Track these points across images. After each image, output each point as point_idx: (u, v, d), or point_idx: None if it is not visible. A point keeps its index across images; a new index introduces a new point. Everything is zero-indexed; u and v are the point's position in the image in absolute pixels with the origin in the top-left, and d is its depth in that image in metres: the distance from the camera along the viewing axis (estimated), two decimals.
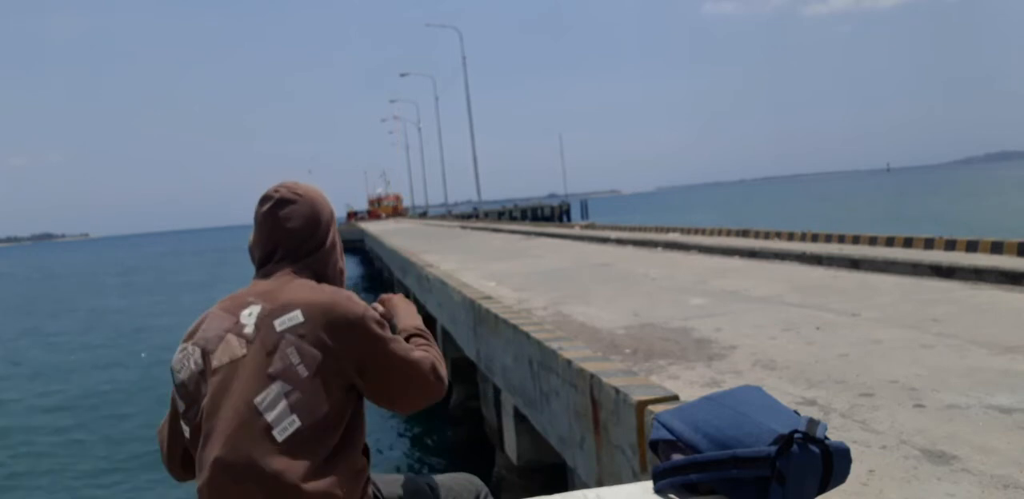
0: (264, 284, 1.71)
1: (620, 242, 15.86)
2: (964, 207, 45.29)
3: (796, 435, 1.52)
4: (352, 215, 76.15)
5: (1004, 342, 4.53)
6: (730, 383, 3.95)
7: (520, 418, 6.31)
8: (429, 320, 11.14)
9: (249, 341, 1.59)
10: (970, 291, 6.56)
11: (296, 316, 1.59)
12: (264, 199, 1.79)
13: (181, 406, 1.65)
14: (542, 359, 4.97)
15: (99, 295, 39.46)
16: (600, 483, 3.93)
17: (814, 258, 9.54)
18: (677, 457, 1.66)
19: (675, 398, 3.39)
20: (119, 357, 20.24)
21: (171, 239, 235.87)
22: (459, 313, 8.57)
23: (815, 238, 11.76)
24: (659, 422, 1.75)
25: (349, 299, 1.67)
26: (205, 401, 1.58)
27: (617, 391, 3.59)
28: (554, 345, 4.76)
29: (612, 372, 3.95)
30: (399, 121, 75.43)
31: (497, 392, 7.33)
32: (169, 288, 39.32)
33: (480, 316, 7.20)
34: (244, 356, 1.58)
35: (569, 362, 4.34)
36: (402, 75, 56.60)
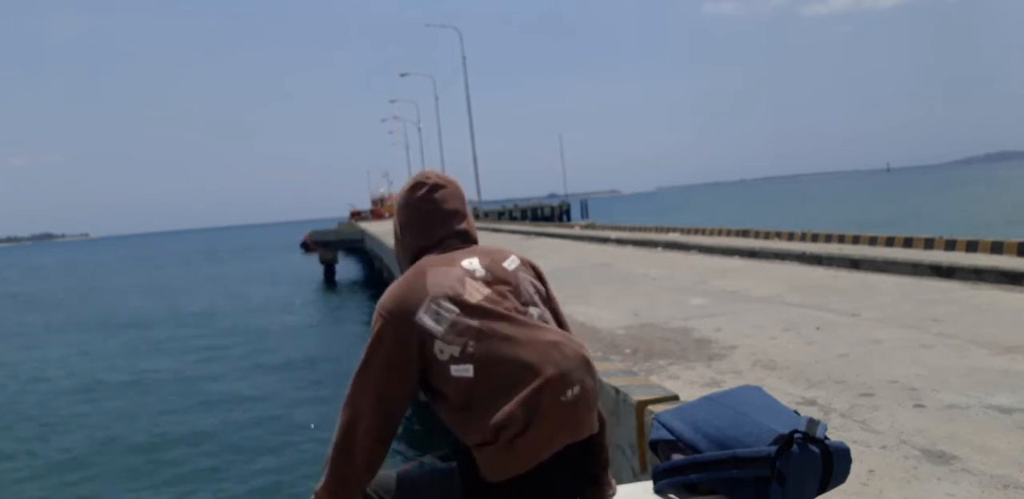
0: (455, 250, 1.84)
1: (620, 242, 15.86)
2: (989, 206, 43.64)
3: (796, 435, 1.52)
4: (356, 214, 76.39)
5: (1004, 342, 4.53)
6: (730, 383, 3.96)
7: None
8: None
9: (488, 282, 1.76)
10: (970, 291, 6.56)
11: (514, 260, 1.84)
12: (419, 185, 1.87)
13: (455, 351, 1.68)
14: None
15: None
16: None
17: (814, 258, 9.54)
18: (677, 457, 1.66)
19: (675, 398, 3.39)
20: None
21: (174, 239, 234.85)
22: None
23: (815, 238, 11.77)
24: (659, 422, 1.75)
25: None
26: (484, 332, 1.68)
27: (617, 391, 3.59)
28: None
29: (612, 372, 3.95)
30: (399, 121, 75.14)
31: None
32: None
33: None
34: (491, 293, 1.74)
35: None
36: (402, 75, 56.47)
